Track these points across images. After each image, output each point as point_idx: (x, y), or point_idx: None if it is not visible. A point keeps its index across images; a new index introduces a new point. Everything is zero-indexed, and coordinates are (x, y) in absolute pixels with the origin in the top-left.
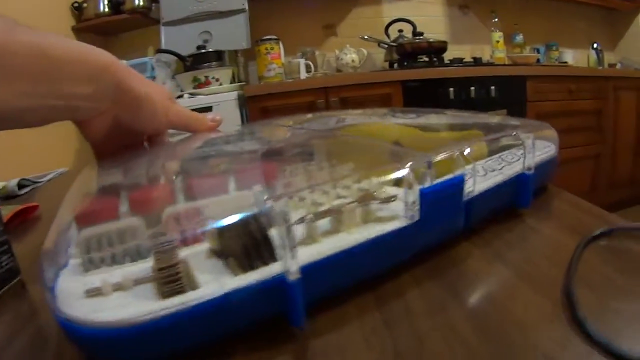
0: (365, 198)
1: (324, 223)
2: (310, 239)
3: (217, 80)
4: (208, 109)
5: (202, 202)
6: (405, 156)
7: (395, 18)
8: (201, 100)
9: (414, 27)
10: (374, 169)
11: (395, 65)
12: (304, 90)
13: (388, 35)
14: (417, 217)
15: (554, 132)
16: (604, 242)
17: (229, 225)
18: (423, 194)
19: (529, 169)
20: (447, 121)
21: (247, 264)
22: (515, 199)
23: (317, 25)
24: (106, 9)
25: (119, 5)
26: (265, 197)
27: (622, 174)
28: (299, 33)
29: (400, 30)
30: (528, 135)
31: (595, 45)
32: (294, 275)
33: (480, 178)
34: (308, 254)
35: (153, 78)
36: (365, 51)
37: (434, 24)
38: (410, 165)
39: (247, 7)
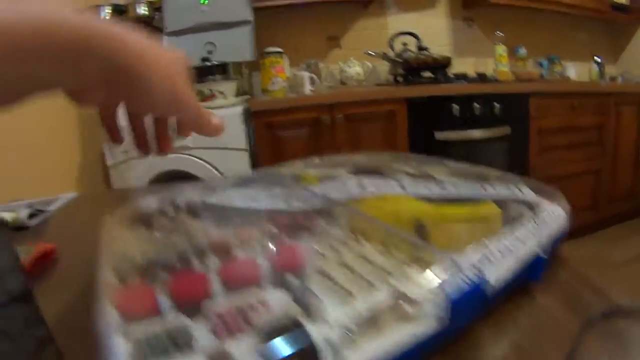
0: (398, 297)
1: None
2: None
3: (222, 93)
4: None
5: (242, 297)
6: (432, 255)
7: (399, 31)
8: None
9: (419, 40)
10: (405, 268)
11: (400, 79)
12: (309, 105)
13: (392, 48)
14: (445, 320)
15: (566, 202)
16: (605, 325)
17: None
18: (452, 300)
19: (543, 250)
20: (460, 192)
21: None
22: (528, 274)
23: (321, 36)
24: (108, 17)
25: (122, 14)
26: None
27: (622, 188)
28: (303, 44)
29: (405, 44)
30: (547, 218)
31: (596, 59)
32: None
33: (498, 264)
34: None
35: None
36: (369, 64)
37: (438, 36)
38: (440, 272)
39: (252, 19)
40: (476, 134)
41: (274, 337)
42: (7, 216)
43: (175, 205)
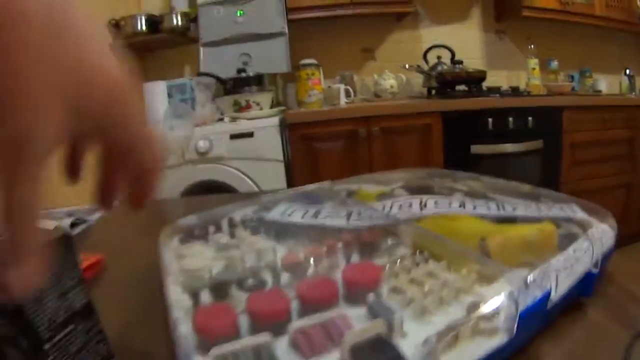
0: (471, 312)
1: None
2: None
3: (258, 104)
4: (249, 134)
5: (321, 315)
6: (498, 271)
7: (433, 44)
8: (243, 125)
9: (453, 54)
10: (473, 283)
11: (433, 92)
12: (346, 118)
13: (426, 61)
14: (513, 332)
15: (613, 220)
16: None
17: (364, 347)
18: (522, 314)
19: (596, 266)
20: (517, 211)
21: None
22: (580, 290)
23: (355, 48)
24: (144, 28)
25: (157, 25)
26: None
27: None
28: (338, 56)
29: (439, 57)
30: (598, 236)
31: (627, 71)
32: None
33: (557, 279)
34: None
35: (192, 100)
36: (404, 77)
37: (471, 49)
38: (510, 289)
39: (287, 30)
40: (509, 147)
41: (362, 353)
42: (50, 225)
43: (230, 220)
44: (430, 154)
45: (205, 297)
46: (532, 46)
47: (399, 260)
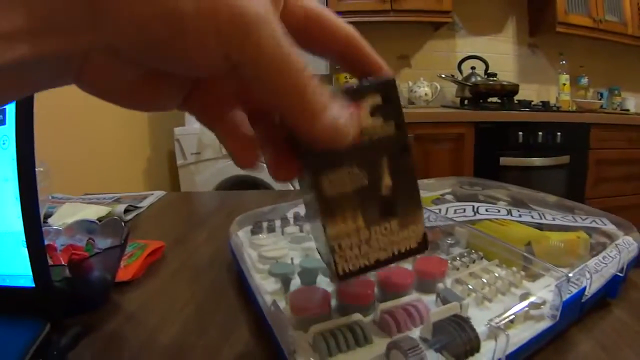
0: (524, 301)
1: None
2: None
3: None
4: None
5: (401, 300)
6: (544, 269)
7: (468, 55)
8: None
9: (487, 65)
10: (522, 278)
11: (466, 102)
12: None
13: (461, 71)
14: (557, 319)
15: (638, 234)
16: None
17: (444, 323)
18: (564, 303)
19: (621, 271)
20: (556, 220)
21: (462, 355)
22: (607, 291)
23: (391, 55)
24: None
25: None
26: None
27: None
28: None
29: (473, 67)
30: (625, 245)
31: None
32: None
33: (590, 279)
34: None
35: None
36: (438, 86)
37: (504, 61)
38: (557, 283)
39: None
40: (537, 161)
41: (443, 328)
42: (103, 210)
43: (296, 215)
44: (461, 162)
45: (296, 282)
46: (564, 62)
47: (458, 257)
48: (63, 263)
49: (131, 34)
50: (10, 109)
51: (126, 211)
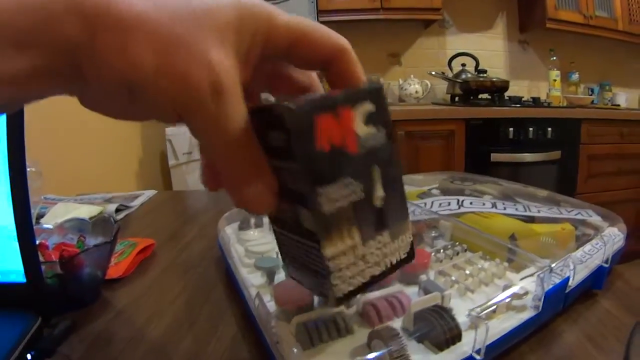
0: (506, 291)
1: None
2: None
3: None
4: None
5: (385, 291)
6: (528, 260)
7: (458, 52)
8: None
9: (477, 62)
10: (505, 269)
11: (457, 99)
12: None
13: (451, 68)
14: (540, 309)
15: (624, 225)
16: None
17: (425, 313)
18: (547, 293)
19: (606, 262)
20: (541, 213)
21: (443, 344)
22: (593, 282)
23: (382, 53)
24: None
25: None
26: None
27: None
28: (364, 59)
29: (463, 64)
30: (610, 237)
31: None
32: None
33: (574, 270)
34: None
35: None
36: (428, 83)
37: (494, 58)
38: (539, 273)
39: None
40: (528, 157)
41: (424, 317)
42: (95, 210)
43: None
44: (452, 159)
45: (281, 276)
46: (554, 58)
47: (442, 249)
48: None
49: (107, 84)
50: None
51: (117, 210)
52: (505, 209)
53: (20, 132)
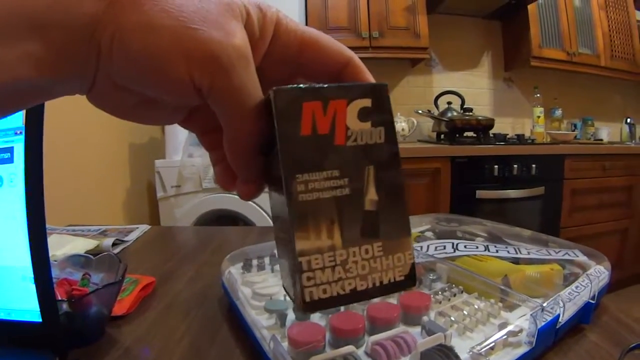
0: (502, 330)
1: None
2: None
3: None
4: None
5: (389, 332)
6: (520, 300)
7: (444, 90)
8: None
9: (463, 100)
10: (500, 309)
11: (443, 137)
12: None
13: (437, 106)
14: (534, 345)
15: (608, 263)
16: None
17: (431, 352)
18: (539, 330)
19: (593, 298)
20: (530, 254)
21: None
22: (580, 317)
23: None
24: None
25: None
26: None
27: None
28: None
29: (449, 102)
30: (595, 275)
31: (628, 120)
32: None
33: (563, 307)
34: None
35: None
36: (415, 121)
37: (479, 95)
38: (532, 312)
39: None
40: (512, 193)
41: (430, 357)
42: (90, 243)
43: (274, 254)
44: (438, 196)
45: (291, 317)
46: (538, 95)
47: (440, 291)
48: (60, 298)
49: (123, 67)
50: (18, 147)
51: (113, 244)
52: (497, 251)
53: (39, 178)
